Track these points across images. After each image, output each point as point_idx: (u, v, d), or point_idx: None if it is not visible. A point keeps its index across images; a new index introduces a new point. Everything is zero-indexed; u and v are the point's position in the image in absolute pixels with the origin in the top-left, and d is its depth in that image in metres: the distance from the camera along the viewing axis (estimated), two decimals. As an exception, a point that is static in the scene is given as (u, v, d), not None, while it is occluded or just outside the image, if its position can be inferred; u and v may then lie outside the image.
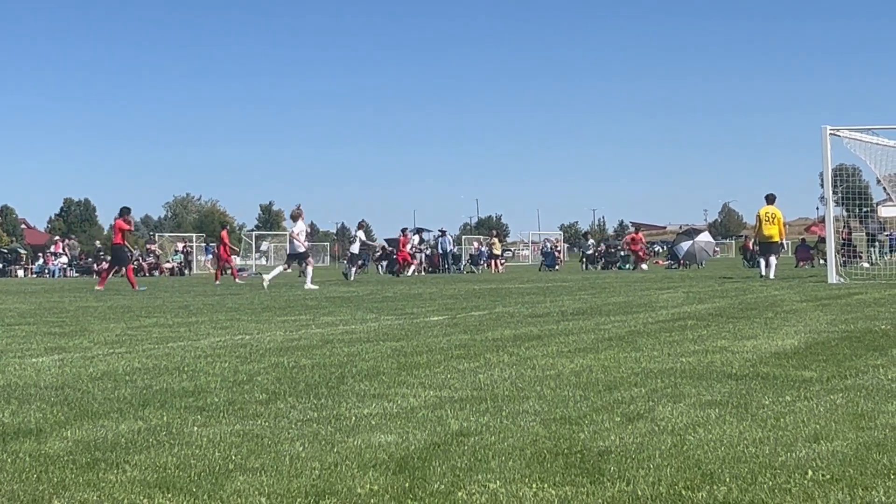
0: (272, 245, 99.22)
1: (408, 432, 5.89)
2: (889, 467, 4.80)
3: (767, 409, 6.42)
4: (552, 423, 6.06)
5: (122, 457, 5.35)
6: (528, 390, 7.41)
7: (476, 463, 5.07)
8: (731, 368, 8.44)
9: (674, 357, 9.33)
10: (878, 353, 9.41)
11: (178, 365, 9.45)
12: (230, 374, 8.74)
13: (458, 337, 11.79)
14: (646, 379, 7.89)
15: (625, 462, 5.01)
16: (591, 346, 10.40)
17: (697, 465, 4.91)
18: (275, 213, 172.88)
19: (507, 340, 11.24)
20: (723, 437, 5.54)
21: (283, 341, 11.71)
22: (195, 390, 7.74)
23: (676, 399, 6.90)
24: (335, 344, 11.19)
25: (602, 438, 5.59)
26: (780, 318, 13.73)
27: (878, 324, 12.51)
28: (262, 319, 15.75)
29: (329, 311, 17.59)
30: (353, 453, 5.33)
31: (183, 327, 14.32)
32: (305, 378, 8.35)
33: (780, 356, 9.26)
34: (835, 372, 8.09)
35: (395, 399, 7.14)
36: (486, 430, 5.89)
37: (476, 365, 9.03)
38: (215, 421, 6.43)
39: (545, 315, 15.55)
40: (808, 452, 5.13)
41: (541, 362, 9.12)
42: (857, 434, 5.57)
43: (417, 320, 14.95)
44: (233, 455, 5.36)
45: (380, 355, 9.94)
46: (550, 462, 5.05)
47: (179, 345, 11.51)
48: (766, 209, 32.11)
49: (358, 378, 8.27)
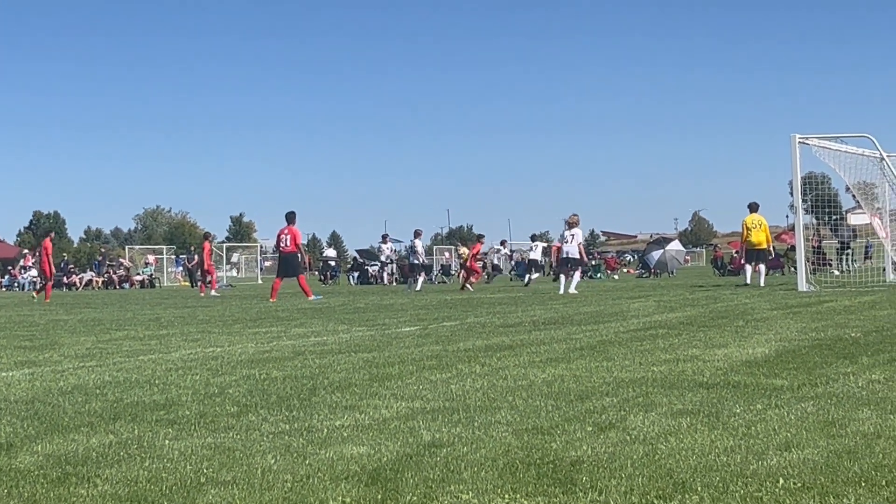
0: (243, 256, 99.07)
1: (380, 444, 5.88)
2: (860, 475, 4.81)
3: (738, 418, 6.44)
4: (524, 434, 6.06)
5: (93, 471, 5.33)
6: (500, 401, 7.42)
7: (448, 474, 5.07)
8: (702, 377, 8.46)
9: (645, 366, 9.35)
10: (848, 360, 9.44)
11: (148, 378, 9.41)
12: (201, 386, 8.71)
13: (429, 348, 11.78)
14: (617, 388, 7.91)
15: (597, 472, 5.01)
16: (563, 356, 10.41)
17: (669, 475, 4.92)
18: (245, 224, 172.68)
19: (479, 351, 11.24)
20: (694, 446, 5.55)
21: (255, 353, 11.68)
22: (166, 403, 7.72)
23: (648, 408, 6.91)
24: (307, 356, 11.17)
25: (574, 448, 5.59)
26: (751, 327, 13.77)
27: (849, 331, 12.55)
28: (234, 332, 15.70)
29: (301, 323, 17.55)
30: (325, 465, 5.32)
31: (154, 340, 14.26)
32: (277, 390, 8.33)
33: (750, 364, 9.29)
34: (805, 380, 8.11)
35: (367, 410, 7.13)
36: (459, 441, 5.89)
37: (448, 375, 9.03)
38: (187, 434, 6.40)
39: (517, 325, 15.55)
40: (779, 461, 5.15)
41: (512, 372, 9.12)
42: (827, 442, 5.59)
43: (389, 331, 14.94)
44: (204, 468, 5.34)
45: (352, 367, 9.93)
46: (523, 472, 5.05)
47: (150, 358, 11.47)
48: (751, 217, 32.31)
49: (330, 390, 8.26)
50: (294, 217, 31.23)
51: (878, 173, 30.27)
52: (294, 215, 31.22)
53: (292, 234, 31.11)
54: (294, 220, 31.25)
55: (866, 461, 5.07)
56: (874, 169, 30.13)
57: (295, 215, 31.25)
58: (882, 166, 29.80)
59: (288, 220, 31.20)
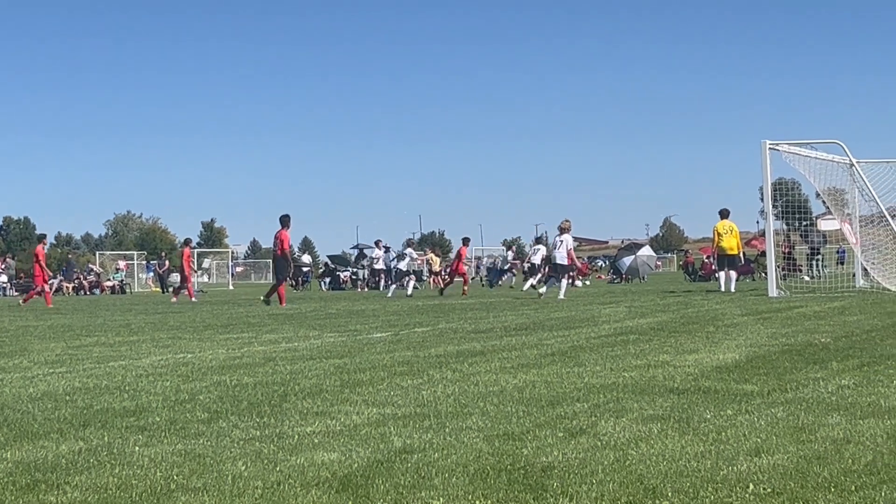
0: (214, 262, 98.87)
1: (351, 450, 5.87)
2: (829, 480, 4.83)
3: (709, 423, 6.45)
4: (495, 440, 6.06)
5: (63, 478, 5.30)
6: (471, 406, 7.42)
7: (419, 480, 5.07)
8: (672, 383, 8.48)
9: (616, 372, 9.36)
10: (818, 366, 9.48)
11: (119, 384, 9.38)
12: (172, 392, 8.68)
13: (401, 354, 11.77)
14: (588, 394, 7.92)
15: (567, 477, 5.02)
16: (534, 362, 10.42)
17: (640, 480, 4.93)
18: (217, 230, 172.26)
19: (451, 357, 11.24)
20: (665, 452, 5.57)
21: (226, 359, 11.65)
22: (136, 410, 7.69)
23: (619, 414, 6.92)
24: (278, 362, 11.15)
25: (545, 454, 5.59)
26: (722, 332, 13.81)
27: (818, 337, 12.61)
28: (205, 337, 15.66)
29: (272, 329, 17.51)
30: (295, 472, 5.31)
31: (124, 346, 14.21)
32: (248, 396, 8.31)
33: (721, 370, 9.32)
34: (775, 385, 8.14)
35: (337, 417, 7.12)
36: (430, 447, 5.89)
37: (419, 382, 9.02)
38: (157, 440, 6.38)
39: (488, 331, 15.55)
40: (749, 466, 5.16)
41: (484, 378, 9.12)
42: (797, 447, 5.61)
43: (360, 337, 14.92)
44: (174, 475, 5.32)
45: (323, 373, 9.91)
46: (494, 478, 5.05)
47: (120, 364, 11.42)
48: (722, 223, 32.54)
49: (301, 396, 8.24)
50: (286, 220, 30.98)
51: (848, 179, 30.40)
52: (287, 218, 30.95)
53: (279, 239, 30.96)
54: (286, 224, 31.00)
55: (835, 466, 5.10)
56: (844, 175, 30.25)
57: (288, 218, 30.98)
58: (852, 172, 29.93)
59: (280, 223, 31.02)
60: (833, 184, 30.55)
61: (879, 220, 30.22)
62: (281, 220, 30.91)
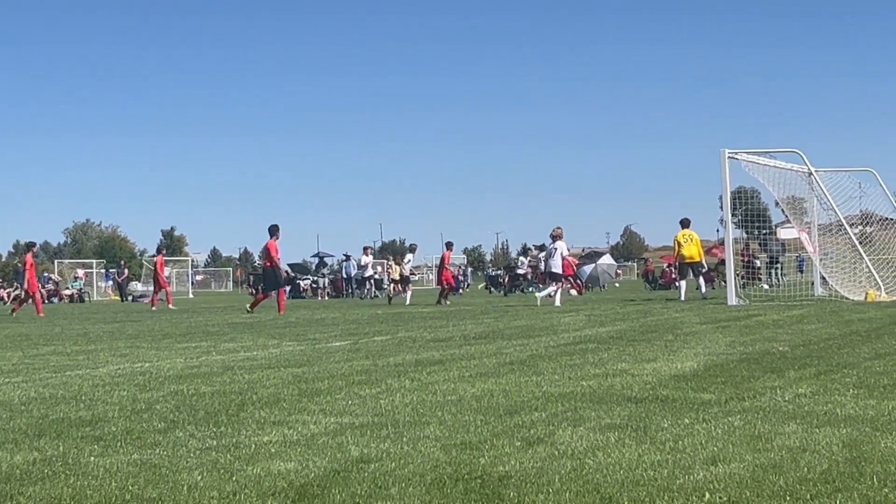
0: (174, 270, 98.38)
1: (308, 459, 5.85)
2: (785, 489, 4.85)
3: (666, 432, 6.47)
4: (453, 449, 6.06)
5: (17, 488, 5.26)
6: (429, 416, 7.41)
7: (376, 490, 5.05)
8: (630, 391, 8.49)
9: (574, 381, 9.37)
10: (775, 374, 9.52)
11: (75, 394, 9.32)
12: (128, 402, 8.63)
13: (359, 362, 11.75)
14: (546, 403, 7.92)
15: (524, 487, 5.02)
16: (493, 371, 10.42)
17: (596, 489, 4.93)
18: (177, 238, 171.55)
19: (409, 365, 11.23)
20: (622, 461, 5.57)
21: (183, 368, 11.60)
22: (92, 419, 7.64)
23: (576, 423, 6.92)
24: (236, 371, 11.11)
25: (502, 463, 5.59)
26: (680, 341, 13.85)
27: (776, 345, 12.66)
28: (163, 346, 15.59)
29: (231, 338, 17.45)
30: (252, 482, 5.29)
31: (81, 355, 14.13)
32: (205, 406, 8.27)
33: (679, 379, 9.34)
34: (733, 394, 8.17)
35: (295, 426, 7.09)
36: (387, 457, 5.88)
37: (377, 391, 9.01)
38: (112, 450, 6.34)
39: (447, 339, 15.55)
40: (705, 475, 5.17)
41: (442, 387, 9.12)
42: (754, 456, 5.63)
43: (319, 346, 14.89)
44: (130, 485, 5.29)
45: (280, 382, 9.88)
46: (451, 488, 5.04)
47: (77, 373, 11.35)
48: (683, 232, 32.82)
49: (258, 405, 8.21)
50: (275, 230, 30.90)
51: (807, 188, 30.60)
52: (276, 228, 30.89)
53: (267, 248, 30.85)
54: (274, 234, 30.90)
55: (791, 475, 5.11)
56: (802, 184, 30.45)
57: (277, 228, 30.91)
58: (810, 181, 30.12)
59: (269, 233, 30.91)
60: (792, 192, 30.74)
61: (838, 228, 30.42)
62: (269, 230, 30.91)
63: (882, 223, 33.54)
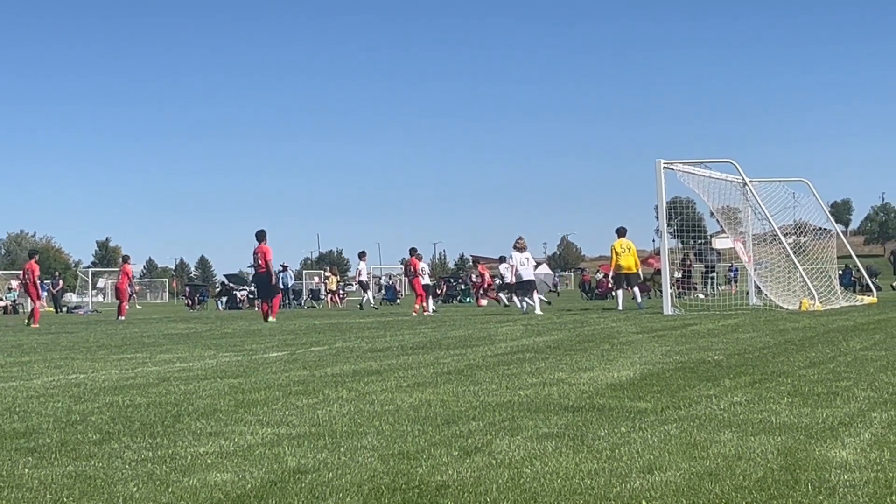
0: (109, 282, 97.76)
1: (244, 470, 5.82)
2: (720, 496, 4.87)
3: (603, 441, 6.49)
4: (390, 459, 6.05)
5: (-52, 502, 5.20)
6: (366, 426, 7.39)
7: (313, 500, 5.04)
8: (567, 400, 8.52)
9: (512, 390, 9.39)
10: (711, 383, 9.58)
11: (9, 406, 9.22)
12: (63, 414, 8.55)
13: (296, 373, 11.71)
14: (484, 412, 7.93)
15: (462, 496, 5.01)
16: (430, 381, 10.42)
17: (534, 499, 4.94)
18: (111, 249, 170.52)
19: (347, 376, 11.20)
20: (559, 470, 5.58)
21: (119, 380, 11.50)
22: (26, 431, 7.56)
23: (514, 432, 6.93)
24: (172, 382, 11.03)
25: (440, 473, 5.59)
26: (617, 350, 13.91)
27: (712, 354, 12.75)
28: (98, 358, 15.45)
29: (166, 349, 17.33)
30: (188, 493, 5.25)
31: (15, 367, 13.98)
32: (141, 417, 8.21)
33: (615, 387, 9.38)
34: (669, 402, 8.21)
35: (231, 437, 7.05)
36: (324, 467, 5.86)
37: (314, 401, 8.98)
38: (47, 462, 6.28)
39: (385, 349, 15.53)
40: (642, 483, 5.19)
41: (380, 397, 9.10)
42: (689, 464, 5.66)
43: (256, 356, 14.82)
44: (64, 497, 5.23)
45: (217, 393, 9.83)
46: (388, 498, 5.03)
47: (11, 385, 11.23)
48: (619, 241, 32.99)
49: (194, 416, 8.16)
50: (264, 235, 30.73)
51: (741, 198, 30.91)
52: (264, 233, 30.74)
53: (262, 252, 30.59)
54: (264, 238, 30.72)
55: (727, 483, 5.14)
56: (737, 194, 30.75)
57: (265, 233, 30.77)
58: (745, 191, 30.43)
59: (258, 238, 30.72)
60: (727, 202, 31.04)
61: (772, 238, 30.71)
62: (258, 235, 30.78)
63: (816, 233, 33.95)
